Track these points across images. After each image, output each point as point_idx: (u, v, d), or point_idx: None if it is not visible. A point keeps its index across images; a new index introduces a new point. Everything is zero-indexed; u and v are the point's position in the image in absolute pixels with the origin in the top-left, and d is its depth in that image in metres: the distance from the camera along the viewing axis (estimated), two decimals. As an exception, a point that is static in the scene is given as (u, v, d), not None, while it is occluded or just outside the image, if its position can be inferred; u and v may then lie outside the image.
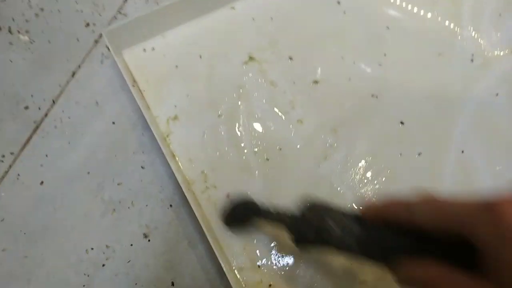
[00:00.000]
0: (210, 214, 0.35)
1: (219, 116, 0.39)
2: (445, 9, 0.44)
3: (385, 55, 0.42)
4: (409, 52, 0.42)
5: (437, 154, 0.38)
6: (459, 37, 0.43)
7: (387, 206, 0.25)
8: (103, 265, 0.35)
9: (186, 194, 0.33)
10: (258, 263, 0.34)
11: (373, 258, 0.25)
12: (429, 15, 0.44)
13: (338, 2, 0.45)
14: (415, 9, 0.44)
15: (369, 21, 0.44)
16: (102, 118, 0.39)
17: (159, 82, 0.40)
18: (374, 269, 0.24)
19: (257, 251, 0.34)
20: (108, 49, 0.39)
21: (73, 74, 0.41)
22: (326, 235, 0.26)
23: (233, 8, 0.45)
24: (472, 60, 0.42)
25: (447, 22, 0.44)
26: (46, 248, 0.35)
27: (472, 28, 0.43)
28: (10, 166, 0.37)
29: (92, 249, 0.35)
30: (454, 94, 0.40)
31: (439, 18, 0.44)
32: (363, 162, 0.38)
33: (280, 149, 0.38)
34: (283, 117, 0.39)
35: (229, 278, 0.31)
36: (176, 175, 0.34)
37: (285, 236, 0.30)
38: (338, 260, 0.34)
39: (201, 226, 0.33)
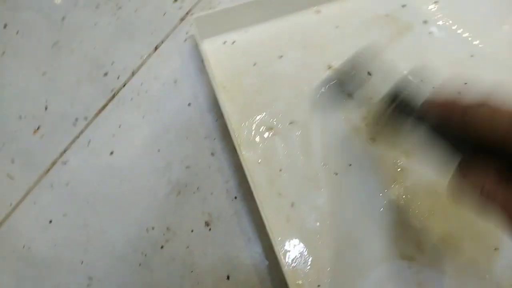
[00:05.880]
0: (272, 220, 0.34)
1: (292, 122, 0.39)
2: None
3: (465, 83, 0.41)
4: (490, 84, 0.41)
5: None
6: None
7: (447, 104, 0.24)
8: (162, 247, 0.34)
9: (255, 195, 0.32)
10: (317, 283, 0.33)
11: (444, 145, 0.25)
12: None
13: (425, 21, 0.45)
14: (501, 43, 0.44)
15: (454, 46, 0.43)
16: (179, 97, 0.39)
17: (236, 77, 0.40)
18: None
19: (319, 272, 0.33)
20: (193, 35, 0.39)
21: (156, 48, 0.40)
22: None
23: (318, 11, 0.44)
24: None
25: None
26: (107, 220, 0.34)
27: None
28: (82, 131, 0.37)
29: (153, 228, 0.34)
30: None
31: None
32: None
33: (350, 165, 0.37)
34: (356, 133, 0.39)
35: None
36: (246, 172, 0.33)
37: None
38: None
39: (262, 226, 0.32)
